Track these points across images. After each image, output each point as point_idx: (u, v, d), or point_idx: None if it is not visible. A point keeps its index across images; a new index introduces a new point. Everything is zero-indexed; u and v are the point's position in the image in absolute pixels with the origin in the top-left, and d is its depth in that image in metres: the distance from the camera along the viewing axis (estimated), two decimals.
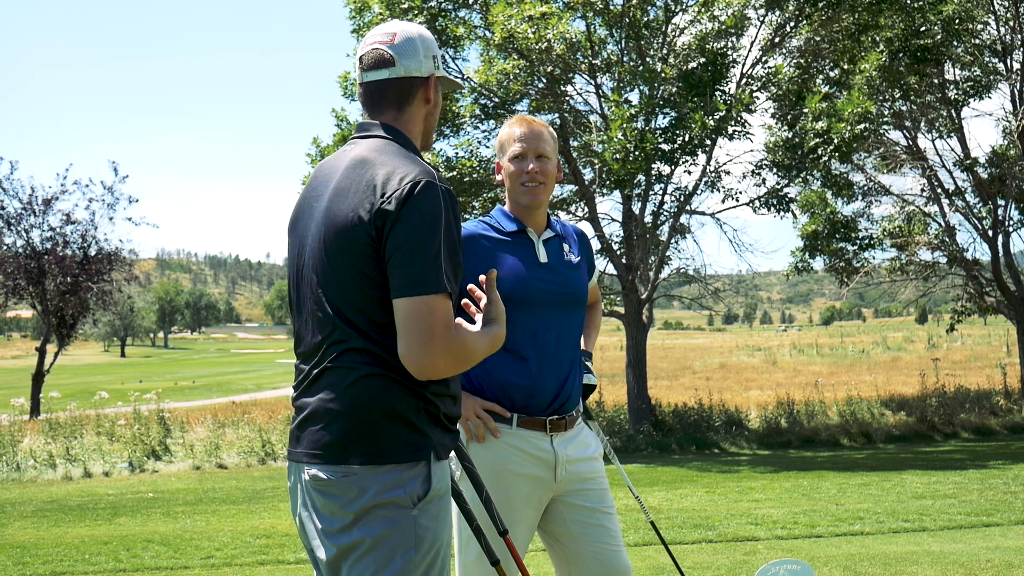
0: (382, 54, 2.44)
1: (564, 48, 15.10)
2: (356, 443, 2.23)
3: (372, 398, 2.24)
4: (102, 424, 15.56)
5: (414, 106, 2.47)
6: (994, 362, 29.38)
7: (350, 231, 2.27)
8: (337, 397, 2.26)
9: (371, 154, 2.36)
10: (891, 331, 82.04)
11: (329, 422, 2.26)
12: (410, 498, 2.22)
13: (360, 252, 2.25)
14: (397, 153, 2.35)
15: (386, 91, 2.46)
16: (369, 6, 16.14)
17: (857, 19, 15.89)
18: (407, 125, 2.46)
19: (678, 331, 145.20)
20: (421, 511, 2.24)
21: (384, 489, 2.21)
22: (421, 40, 2.47)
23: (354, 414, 2.24)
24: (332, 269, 2.30)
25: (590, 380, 3.30)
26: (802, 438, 16.33)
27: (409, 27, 2.50)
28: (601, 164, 15.07)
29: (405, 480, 2.22)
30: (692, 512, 8.57)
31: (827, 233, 17.52)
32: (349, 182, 2.32)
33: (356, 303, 2.26)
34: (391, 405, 2.24)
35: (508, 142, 3.23)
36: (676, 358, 49.82)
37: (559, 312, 3.13)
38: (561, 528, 3.13)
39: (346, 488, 2.22)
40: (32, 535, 8.33)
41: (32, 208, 24.71)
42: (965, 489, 9.60)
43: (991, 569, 5.89)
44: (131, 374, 60.34)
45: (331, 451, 2.25)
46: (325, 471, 2.25)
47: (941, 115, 18.00)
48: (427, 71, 2.46)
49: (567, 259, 3.22)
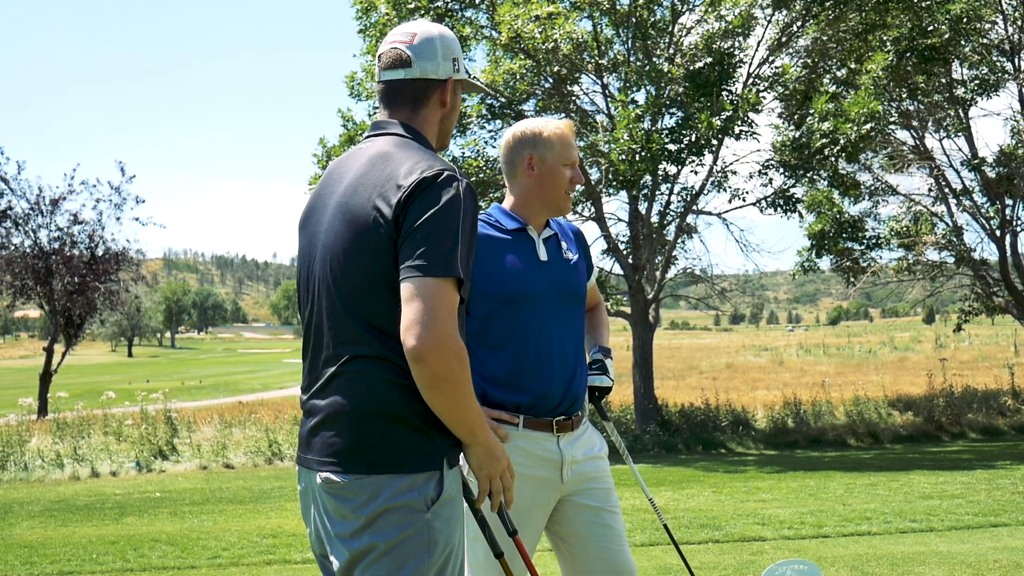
0: (400, 54, 2.43)
1: (571, 48, 15.09)
2: (370, 450, 2.21)
3: (386, 404, 2.21)
4: (109, 424, 15.59)
5: (429, 107, 2.45)
6: (1002, 362, 29.29)
7: (368, 226, 2.23)
8: (351, 402, 2.23)
9: (392, 149, 2.33)
10: (898, 331, 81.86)
11: (343, 428, 2.23)
12: (424, 501, 2.20)
13: (377, 248, 2.22)
14: (418, 149, 2.33)
15: (402, 91, 2.44)
16: (376, 6, 16.16)
17: (864, 18, 15.86)
18: (421, 125, 2.44)
19: (685, 331, 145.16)
20: (434, 515, 2.21)
21: (397, 492, 2.18)
22: (442, 41, 2.45)
23: (368, 420, 2.21)
24: (348, 268, 2.26)
25: (604, 382, 3.27)
26: (809, 438, 16.30)
27: (431, 28, 2.47)
28: (608, 164, 15.06)
29: (418, 484, 2.20)
30: (699, 512, 8.56)
31: (834, 233, 17.47)
32: (368, 177, 2.30)
33: (372, 305, 2.23)
34: (405, 412, 2.21)
35: (562, 146, 3.14)
36: (683, 358, 49.77)
37: (561, 310, 3.11)
38: (567, 528, 3.12)
39: (359, 491, 2.20)
40: (40, 535, 8.35)
41: (40, 208, 24.78)
42: (973, 489, 9.57)
43: (999, 569, 5.87)
44: (138, 374, 60.49)
45: (344, 457, 2.22)
46: (338, 475, 2.22)
47: (949, 114, 17.94)
48: (444, 74, 2.45)
49: (565, 257, 3.19)
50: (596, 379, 3.27)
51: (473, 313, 3.03)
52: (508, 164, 3.19)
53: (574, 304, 3.17)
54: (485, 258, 3.02)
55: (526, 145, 3.15)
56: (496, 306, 3.02)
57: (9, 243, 24.88)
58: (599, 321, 3.46)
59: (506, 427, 3.02)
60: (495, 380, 3.05)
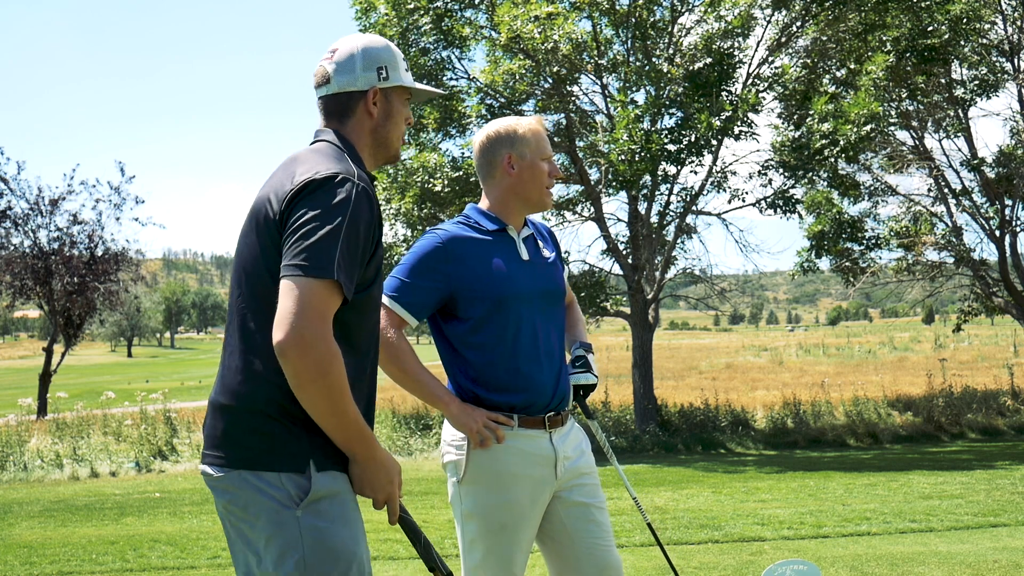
0: (322, 70, 2.48)
1: (570, 48, 15.08)
2: (237, 444, 2.22)
3: (260, 401, 2.21)
4: (109, 424, 15.59)
5: (355, 119, 2.47)
6: (1001, 362, 29.28)
7: (260, 225, 2.28)
8: (228, 396, 2.26)
9: (304, 153, 2.38)
10: (898, 331, 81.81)
11: (218, 421, 2.27)
12: (291, 499, 2.18)
13: (267, 246, 2.25)
14: (330, 154, 2.34)
15: (329, 105, 2.49)
16: (375, 7, 16.17)
17: (864, 19, 15.86)
18: (352, 136, 2.46)
19: (684, 331, 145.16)
20: (307, 512, 2.19)
21: (259, 489, 2.18)
22: (363, 54, 2.45)
23: (239, 415, 2.23)
24: (249, 265, 2.31)
25: (589, 379, 3.28)
26: (808, 438, 16.29)
27: (353, 41, 2.49)
28: (607, 164, 15.06)
29: (283, 482, 2.19)
30: (698, 512, 8.56)
31: (833, 233, 17.46)
32: (274, 178, 2.33)
33: (263, 301, 2.24)
34: (275, 409, 2.20)
35: (538, 141, 3.17)
36: (682, 358, 49.73)
37: (545, 308, 3.14)
38: (556, 526, 3.14)
39: (228, 485, 2.22)
40: (39, 535, 8.35)
41: (39, 208, 24.75)
42: (972, 489, 9.57)
43: (998, 569, 5.87)
44: (138, 374, 60.42)
45: (218, 450, 2.25)
46: (212, 467, 2.25)
47: (948, 115, 17.94)
48: (365, 85, 2.45)
49: (544, 255, 3.22)
50: (581, 377, 3.28)
51: (464, 316, 3.05)
52: (486, 165, 3.19)
53: (556, 302, 3.20)
54: (469, 261, 3.04)
55: (503, 144, 3.15)
56: (487, 308, 3.03)
57: (8, 243, 24.87)
58: (576, 318, 3.48)
59: (502, 428, 3.04)
60: (487, 383, 3.06)
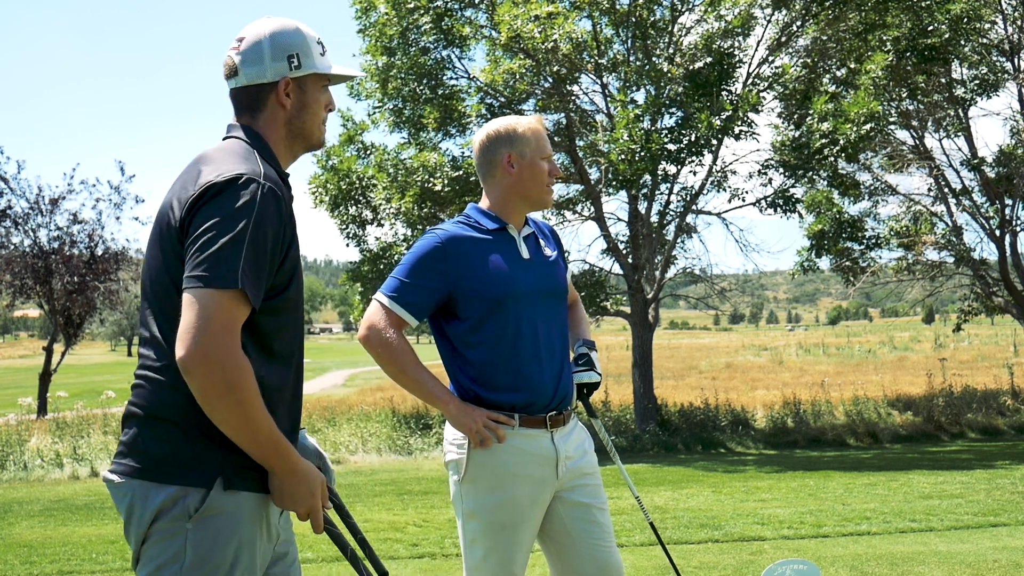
0: (230, 62, 2.35)
1: (570, 48, 15.08)
2: (141, 454, 2.16)
3: (166, 411, 2.15)
4: (109, 423, 15.59)
5: (267, 112, 2.34)
6: (1001, 362, 29.29)
7: (163, 232, 2.19)
8: (137, 406, 2.19)
9: (212, 152, 2.27)
10: (898, 331, 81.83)
11: (127, 430, 2.21)
12: (186, 511, 2.12)
13: (169, 255, 2.17)
14: (237, 152, 2.24)
15: (239, 98, 2.36)
16: (375, 5, 16.16)
17: (864, 18, 15.86)
18: (264, 130, 2.34)
19: (684, 331, 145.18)
20: (197, 526, 2.12)
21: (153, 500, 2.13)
22: (271, 41, 2.32)
23: (148, 424, 2.17)
24: (153, 273, 2.22)
25: (592, 378, 3.28)
26: (808, 438, 16.30)
27: (260, 28, 2.35)
28: (607, 164, 15.05)
29: (181, 495, 2.12)
30: (698, 512, 8.56)
31: (833, 233, 17.45)
32: (179, 181, 2.23)
33: (166, 311, 2.17)
34: (183, 421, 2.13)
35: (538, 140, 3.17)
36: (682, 358, 49.74)
37: (546, 307, 3.14)
38: (558, 526, 3.13)
39: (127, 493, 2.17)
40: (39, 534, 8.35)
41: (39, 208, 24.75)
42: (972, 489, 9.58)
43: (998, 569, 5.87)
44: None
45: (122, 457, 2.19)
46: (114, 474, 2.20)
47: (948, 114, 17.93)
48: (276, 75, 2.32)
49: (545, 254, 3.22)
50: (584, 375, 3.27)
51: (464, 316, 3.04)
52: (485, 165, 3.19)
53: (558, 300, 3.20)
54: (470, 260, 3.04)
55: (503, 143, 3.15)
56: (487, 307, 3.02)
57: (8, 243, 24.88)
58: (580, 317, 3.48)
59: (503, 428, 3.03)
60: (488, 382, 3.05)
